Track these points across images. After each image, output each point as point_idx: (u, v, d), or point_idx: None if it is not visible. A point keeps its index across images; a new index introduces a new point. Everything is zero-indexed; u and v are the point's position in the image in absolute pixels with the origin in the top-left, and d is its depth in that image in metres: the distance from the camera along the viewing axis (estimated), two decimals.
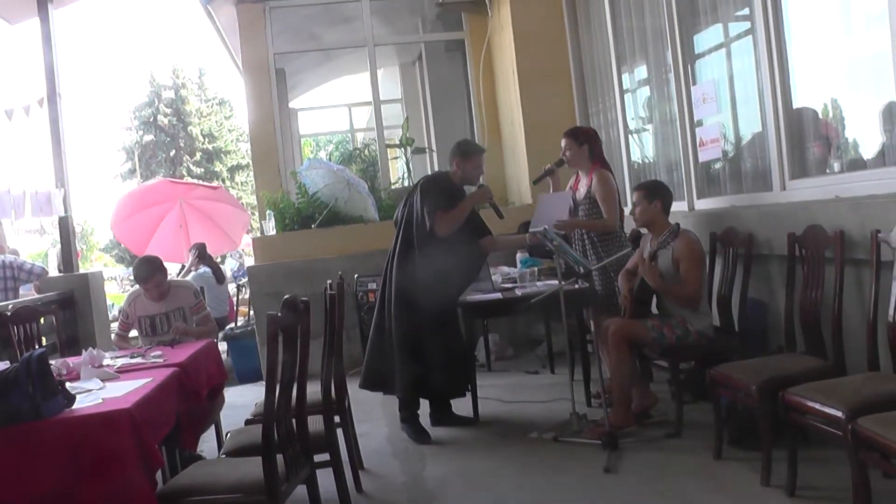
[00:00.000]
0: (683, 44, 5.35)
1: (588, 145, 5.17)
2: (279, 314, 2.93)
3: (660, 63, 5.84)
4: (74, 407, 3.00)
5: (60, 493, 2.79)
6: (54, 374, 3.19)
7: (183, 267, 9.86)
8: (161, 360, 4.05)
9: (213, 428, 4.69)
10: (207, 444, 4.69)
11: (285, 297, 3.07)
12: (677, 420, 4.35)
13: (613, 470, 3.92)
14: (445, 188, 4.99)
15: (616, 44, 6.55)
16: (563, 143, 5.24)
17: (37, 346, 4.87)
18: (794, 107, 4.32)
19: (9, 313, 4.86)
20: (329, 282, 3.94)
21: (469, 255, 4.99)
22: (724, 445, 3.92)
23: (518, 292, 5.11)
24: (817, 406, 3.02)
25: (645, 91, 6.46)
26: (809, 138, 4.29)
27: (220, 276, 9.01)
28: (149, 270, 4.86)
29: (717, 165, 5.23)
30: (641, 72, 6.42)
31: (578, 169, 5.28)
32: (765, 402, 3.39)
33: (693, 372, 4.67)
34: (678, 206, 5.38)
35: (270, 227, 7.96)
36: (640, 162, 6.49)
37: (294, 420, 3.19)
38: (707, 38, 5.25)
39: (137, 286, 5.04)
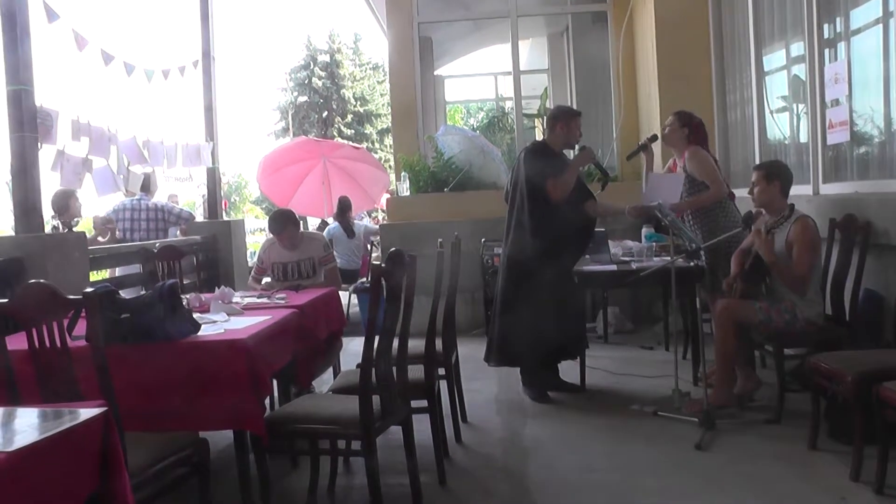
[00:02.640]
0: (820, 24, 5.14)
1: (689, 130, 5.21)
2: (383, 265, 3.14)
3: (798, 42, 5.64)
4: (199, 334, 3.34)
5: (182, 406, 3.11)
6: (185, 305, 3.57)
7: (323, 221, 10.37)
8: (283, 302, 4.34)
9: (331, 370, 5.01)
10: (329, 384, 5.01)
11: (391, 249, 3.26)
12: (778, 406, 4.29)
13: (705, 448, 3.94)
14: (548, 155, 5.15)
15: (755, 21, 6.36)
16: (669, 119, 5.31)
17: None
18: None
19: (155, 250, 5.37)
20: (440, 240, 4.10)
21: (576, 219, 5.08)
22: (821, 437, 3.85)
23: (633, 266, 5.13)
24: None
25: (781, 71, 6.24)
26: None
27: (349, 231, 9.43)
28: (282, 223, 5.17)
29: (850, 149, 5.01)
30: (779, 51, 6.20)
31: (673, 148, 5.35)
32: (859, 395, 3.30)
33: (804, 360, 4.58)
34: (803, 190, 5.23)
35: (405, 189, 8.25)
36: (774, 142, 6.30)
37: (395, 366, 3.39)
38: (851, 18, 5.02)
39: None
